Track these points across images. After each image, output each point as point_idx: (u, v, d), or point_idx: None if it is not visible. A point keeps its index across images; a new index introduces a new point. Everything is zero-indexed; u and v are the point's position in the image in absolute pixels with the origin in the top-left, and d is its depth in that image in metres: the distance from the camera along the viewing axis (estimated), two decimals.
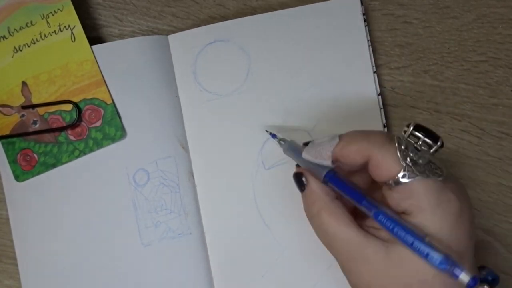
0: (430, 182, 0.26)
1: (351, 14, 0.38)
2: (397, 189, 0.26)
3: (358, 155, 0.28)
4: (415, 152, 0.26)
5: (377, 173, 0.27)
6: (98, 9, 0.42)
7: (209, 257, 0.38)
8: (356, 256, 0.27)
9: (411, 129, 0.27)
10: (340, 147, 0.29)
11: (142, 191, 0.38)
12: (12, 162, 0.39)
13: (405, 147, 0.27)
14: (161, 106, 0.39)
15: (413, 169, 0.26)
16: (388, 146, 0.27)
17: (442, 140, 0.27)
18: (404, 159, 0.26)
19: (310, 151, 0.31)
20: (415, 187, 0.26)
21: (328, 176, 0.29)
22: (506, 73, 0.38)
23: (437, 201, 0.26)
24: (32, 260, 0.38)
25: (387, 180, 0.27)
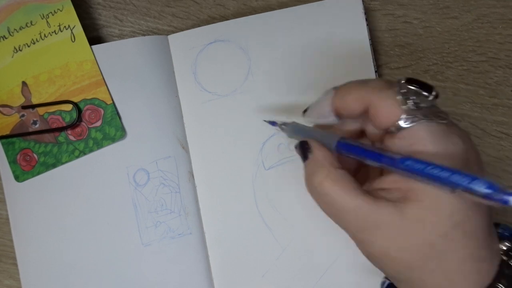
0: (435, 125, 0.24)
1: (352, 13, 0.38)
2: (399, 135, 0.25)
3: (357, 103, 0.26)
4: (417, 95, 0.25)
5: (378, 119, 0.25)
6: (98, 9, 0.42)
7: (209, 257, 0.38)
8: (368, 225, 0.25)
9: (403, 82, 0.25)
10: (338, 97, 0.27)
11: (142, 191, 0.38)
12: (12, 162, 0.39)
13: (406, 91, 0.25)
14: (161, 106, 0.39)
15: (416, 113, 0.24)
16: (388, 91, 0.25)
17: (436, 91, 0.25)
18: (405, 102, 0.24)
19: (311, 114, 0.29)
20: (419, 132, 0.24)
21: (340, 144, 0.27)
22: (506, 73, 0.38)
23: (444, 146, 0.24)
24: (32, 260, 0.38)
25: (389, 126, 0.25)
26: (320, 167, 0.27)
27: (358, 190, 0.25)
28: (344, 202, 0.25)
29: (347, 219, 0.26)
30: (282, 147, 0.38)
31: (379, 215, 0.24)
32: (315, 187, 0.27)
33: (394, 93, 0.25)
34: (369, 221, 0.25)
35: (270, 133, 0.38)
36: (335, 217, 0.26)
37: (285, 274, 0.38)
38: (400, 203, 0.24)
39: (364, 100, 0.26)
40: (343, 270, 0.37)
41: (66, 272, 0.38)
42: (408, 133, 0.24)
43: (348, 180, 0.26)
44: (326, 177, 0.26)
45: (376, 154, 0.25)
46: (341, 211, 0.26)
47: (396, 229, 0.24)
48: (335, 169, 0.26)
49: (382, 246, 0.25)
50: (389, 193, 0.25)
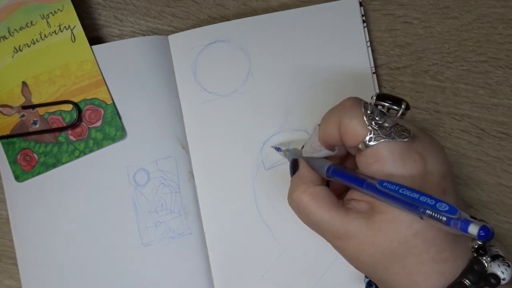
0: (395, 144, 0.26)
1: (350, 15, 0.38)
2: (365, 152, 0.27)
3: (334, 127, 0.29)
4: (380, 116, 0.27)
5: (347, 138, 0.28)
6: (98, 9, 0.42)
7: (209, 257, 0.38)
8: (340, 234, 0.28)
9: (374, 99, 0.28)
10: (321, 130, 0.30)
11: (142, 191, 0.38)
12: (12, 162, 0.39)
13: (371, 112, 0.27)
14: (161, 106, 0.39)
15: (379, 132, 0.27)
16: (355, 110, 0.28)
17: (406, 102, 0.28)
18: (370, 123, 0.27)
19: (307, 150, 0.32)
20: (380, 150, 0.27)
21: (329, 170, 0.30)
22: (506, 73, 0.38)
23: (402, 163, 0.26)
24: (32, 260, 0.38)
25: (356, 144, 0.27)
26: (301, 183, 0.30)
27: (332, 204, 0.29)
28: (318, 215, 0.29)
29: (322, 229, 0.29)
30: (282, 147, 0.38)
31: (349, 226, 0.27)
32: (294, 200, 0.30)
33: (361, 113, 0.27)
34: (341, 231, 0.28)
35: (270, 133, 0.38)
36: (312, 227, 0.30)
37: (285, 274, 0.38)
38: (368, 215, 0.27)
39: (337, 123, 0.28)
40: (343, 270, 0.37)
41: (66, 272, 0.38)
42: (372, 151, 0.27)
43: (324, 195, 0.29)
44: (304, 192, 0.29)
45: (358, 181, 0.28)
46: (317, 223, 0.29)
47: (363, 237, 0.27)
48: (313, 186, 0.29)
49: (353, 252, 0.28)
50: (359, 204, 0.28)
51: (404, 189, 0.25)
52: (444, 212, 0.23)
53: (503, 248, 0.28)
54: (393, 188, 0.25)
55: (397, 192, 0.25)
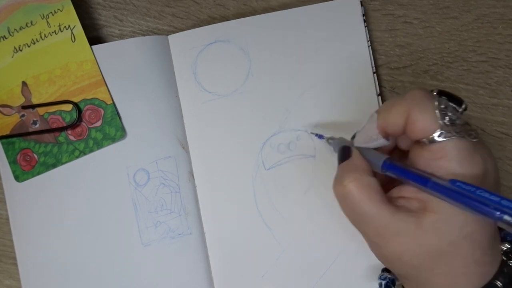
0: (464, 143, 0.25)
1: (351, 14, 0.38)
2: (430, 147, 0.26)
3: (399, 117, 0.27)
4: (454, 112, 0.26)
5: (413, 130, 0.27)
6: (98, 9, 0.42)
7: (209, 257, 0.38)
8: (386, 232, 0.27)
9: (435, 94, 0.27)
10: (381, 117, 0.28)
11: (142, 191, 0.38)
12: (12, 162, 0.39)
13: (445, 106, 0.26)
14: (161, 106, 0.39)
15: (450, 129, 0.25)
16: (427, 103, 0.26)
17: (466, 103, 0.27)
18: (443, 118, 0.26)
19: (360, 140, 0.30)
20: (449, 147, 0.26)
21: (385, 165, 0.28)
22: (506, 73, 0.38)
23: (468, 163, 0.26)
24: (32, 260, 0.38)
25: (423, 137, 0.26)
26: (353, 171, 0.28)
27: (383, 198, 0.27)
28: (367, 207, 0.27)
29: (367, 224, 0.27)
30: (282, 147, 0.38)
31: (398, 224, 0.26)
32: (343, 187, 0.28)
33: (433, 107, 0.26)
34: (388, 228, 0.26)
35: (270, 133, 0.38)
36: (355, 219, 0.28)
37: (285, 274, 0.38)
38: (419, 214, 0.26)
39: (405, 111, 0.27)
40: (343, 269, 0.37)
41: (66, 272, 0.38)
42: (438, 147, 0.26)
43: (375, 188, 0.27)
44: (355, 180, 0.27)
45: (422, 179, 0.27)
46: (363, 215, 0.27)
47: (411, 237, 0.26)
48: (366, 175, 0.28)
49: (396, 251, 0.27)
50: (408, 202, 0.27)
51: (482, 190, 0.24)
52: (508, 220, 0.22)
53: None
54: (469, 189, 0.24)
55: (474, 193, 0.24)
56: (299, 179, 0.38)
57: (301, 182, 0.38)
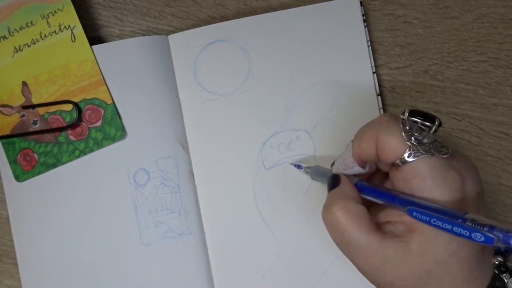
0: (435, 160, 0.26)
1: (351, 14, 0.38)
2: (403, 168, 0.27)
3: (370, 143, 0.28)
4: (419, 132, 0.27)
5: (384, 154, 0.27)
6: (98, 9, 0.42)
7: (209, 257, 0.38)
8: (376, 260, 0.27)
9: (407, 115, 0.28)
10: (356, 146, 0.29)
11: (143, 191, 0.38)
12: (12, 162, 0.39)
13: (410, 127, 0.27)
14: (161, 106, 0.39)
15: (418, 148, 0.26)
16: (393, 126, 0.27)
17: (439, 119, 0.28)
18: (409, 138, 0.26)
19: (337, 167, 0.31)
20: (420, 166, 0.26)
21: (358, 185, 0.30)
22: (506, 73, 0.38)
23: (442, 179, 0.26)
24: (32, 260, 0.38)
25: (394, 160, 0.27)
26: (341, 198, 0.29)
27: (371, 226, 0.28)
28: (355, 235, 0.27)
29: (356, 252, 0.28)
30: (282, 147, 0.38)
31: (386, 250, 0.27)
32: (331, 215, 0.28)
33: (399, 129, 0.27)
34: (376, 256, 0.27)
35: (270, 133, 0.38)
36: (344, 248, 0.28)
37: (285, 274, 0.38)
38: (405, 237, 0.27)
39: (374, 139, 0.28)
40: (343, 270, 0.37)
41: (66, 272, 0.38)
42: (410, 167, 0.26)
43: (363, 216, 0.28)
44: (343, 208, 0.28)
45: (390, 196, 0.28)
46: (351, 243, 0.28)
47: (400, 263, 0.27)
48: (355, 203, 0.28)
49: (387, 279, 0.27)
50: (395, 227, 0.28)
51: (435, 219, 0.24)
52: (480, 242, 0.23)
53: None
54: (424, 219, 0.25)
55: (429, 223, 0.25)
56: (299, 179, 0.38)
57: (301, 182, 0.38)
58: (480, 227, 0.23)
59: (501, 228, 0.23)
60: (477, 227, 0.23)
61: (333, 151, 0.38)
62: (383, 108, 0.38)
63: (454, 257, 0.26)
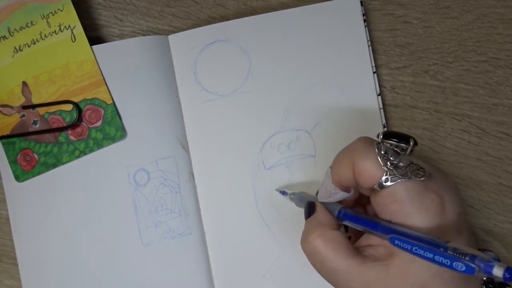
0: (412, 184, 0.26)
1: (351, 14, 0.38)
2: (381, 193, 0.27)
3: (347, 169, 0.28)
4: (395, 156, 0.27)
5: (362, 179, 0.27)
6: (98, 9, 0.42)
7: (209, 257, 0.38)
8: (357, 284, 0.27)
9: (381, 138, 0.28)
10: (334, 173, 0.29)
11: (143, 191, 0.38)
12: (13, 162, 0.39)
13: (385, 152, 0.27)
14: (161, 106, 0.39)
15: (395, 172, 0.26)
16: (368, 152, 0.27)
17: (414, 139, 0.28)
18: (385, 163, 0.26)
19: (322, 195, 0.31)
20: (397, 190, 0.26)
21: (341, 213, 0.30)
22: (506, 73, 0.38)
23: (419, 203, 0.26)
24: (32, 260, 0.38)
25: (372, 185, 0.27)
26: (317, 226, 0.29)
27: (349, 251, 0.27)
28: (334, 262, 0.27)
29: (338, 279, 0.27)
30: (282, 147, 0.38)
31: (367, 274, 0.26)
32: (309, 243, 0.28)
33: (374, 154, 0.27)
34: (357, 281, 0.27)
35: (270, 133, 0.38)
36: (325, 275, 0.28)
37: (285, 274, 0.38)
38: (386, 261, 0.26)
39: (351, 164, 0.28)
40: None
41: (66, 272, 0.38)
42: (388, 191, 0.26)
43: (341, 241, 0.28)
44: (321, 236, 0.28)
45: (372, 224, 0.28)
46: (332, 270, 0.27)
47: (382, 286, 0.26)
48: (331, 230, 0.28)
49: None
50: (375, 250, 0.28)
51: (417, 247, 0.24)
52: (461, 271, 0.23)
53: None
54: (406, 247, 0.25)
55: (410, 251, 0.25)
56: (299, 179, 0.38)
57: (301, 182, 0.38)
58: (461, 256, 0.23)
59: (482, 258, 0.23)
60: (459, 256, 0.23)
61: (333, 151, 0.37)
62: (383, 108, 0.38)
63: (437, 278, 0.26)
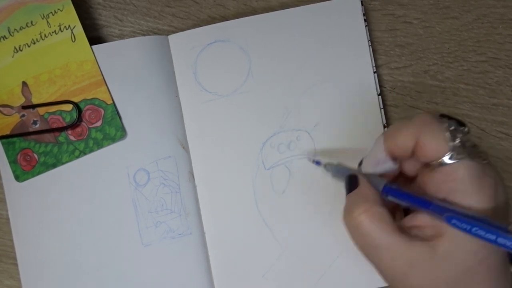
0: (475, 165, 0.25)
1: (351, 14, 0.38)
2: (440, 170, 0.26)
3: (409, 140, 0.27)
4: (463, 134, 0.26)
5: (424, 152, 0.26)
6: (98, 9, 0.42)
7: (209, 257, 0.38)
8: (401, 263, 0.26)
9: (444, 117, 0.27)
10: (390, 139, 0.28)
11: (143, 191, 0.38)
12: (13, 162, 0.39)
13: (454, 128, 0.26)
14: (161, 106, 0.39)
15: (461, 151, 0.26)
16: (437, 126, 0.26)
17: (468, 126, 0.27)
18: (453, 140, 0.26)
19: (367, 164, 0.30)
20: (460, 169, 0.25)
21: (386, 189, 0.28)
22: (506, 73, 0.38)
23: (479, 184, 0.25)
24: (32, 260, 0.38)
25: (433, 160, 0.26)
26: (362, 201, 0.28)
27: (395, 229, 0.27)
28: (380, 239, 0.26)
29: (381, 256, 0.27)
30: (282, 147, 0.38)
31: (412, 253, 0.26)
32: (354, 219, 0.27)
33: (443, 129, 0.26)
34: (402, 259, 0.26)
35: (270, 133, 0.38)
36: (368, 252, 0.28)
37: (285, 274, 0.38)
38: (433, 241, 0.26)
39: (415, 134, 0.27)
40: (343, 270, 0.37)
41: (66, 272, 0.38)
42: (449, 169, 0.26)
43: (386, 218, 0.27)
44: (366, 211, 0.27)
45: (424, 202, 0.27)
46: (376, 247, 0.27)
47: (427, 266, 0.26)
48: (377, 206, 0.27)
49: (415, 283, 0.26)
50: (421, 231, 0.27)
51: (477, 228, 0.24)
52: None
53: None
54: (465, 228, 0.24)
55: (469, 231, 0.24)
56: (299, 179, 0.38)
57: (302, 182, 0.38)
58: None
59: None
60: None
61: (333, 151, 0.38)
62: (383, 108, 0.38)
63: (483, 264, 0.25)
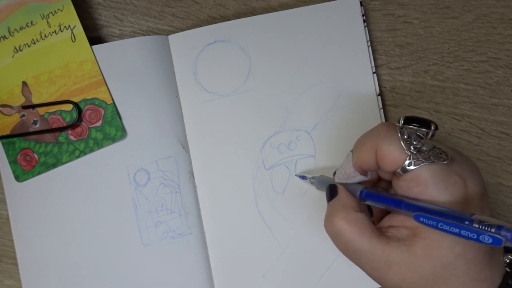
0: (435, 167, 0.26)
1: (351, 15, 0.38)
2: (404, 177, 0.27)
3: (370, 154, 0.28)
4: (418, 140, 0.27)
5: (384, 163, 0.28)
6: (98, 9, 0.42)
7: (209, 257, 0.38)
8: (381, 265, 0.27)
9: (402, 123, 0.28)
10: (356, 156, 0.30)
11: (143, 191, 0.38)
12: (13, 162, 0.39)
13: (408, 136, 0.27)
14: (161, 106, 0.39)
15: (418, 156, 0.26)
16: (392, 136, 0.27)
17: (435, 124, 0.28)
18: (408, 147, 0.27)
19: (339, 177, 0.32)
20: (421, 174, 0.26)
21: (362, 193, 0.30)
22: (506, 73, 0.38)
23: (443, 185, 0.26)
24: (32, 260, 0.38)
25: (395, 169, 0.27)
26: (341, 208, 0.29)
27: (373, 232, 0.28)
28: (359, 243, 0.28)
29: (362, 259, 0.28)
30: (282, 147, 0.38)
31: (390, 255, 0.27)
32: (333, 225, 0.29)
33: (398, 139, 0.27)
34: (381, 261, 0.27)
35: (270, 133, 0.38)
36: (350, 256, 0.29)
37: (285, 274, 0.38)
38: (409, 241, 0.27)
39: (373, 149, 0.28)
40: (343, 270, 0.37)
41: (66, 272, 0.38)
42: (412, 175, 0.27)
43: (365, 223, 0.28)
44: (345, 218, 0.29)
45: (396, 202, 0.28)
46: (356, 251, 0.28)
47: (406, 266, 0.27)
48: (354, 212, 0.29)
49: (394, 281, 0.27)
50: (398, 231, 0.28)
51: (442, 223, 0.25)
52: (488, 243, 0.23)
53: None
54: (431, 224, 0.25)
55: (436, 227, 0.25)
56: (299, 179, 0.38)
57: (301, 182, 0.38)
58: (487, 228, 0.23)
59: (508, 228, 0.22)
60: (484, 228, 0.23)
61: (333, 151, 0.38)
62: (383, 108, 0.38)
63: (460, 259, 0.26)
